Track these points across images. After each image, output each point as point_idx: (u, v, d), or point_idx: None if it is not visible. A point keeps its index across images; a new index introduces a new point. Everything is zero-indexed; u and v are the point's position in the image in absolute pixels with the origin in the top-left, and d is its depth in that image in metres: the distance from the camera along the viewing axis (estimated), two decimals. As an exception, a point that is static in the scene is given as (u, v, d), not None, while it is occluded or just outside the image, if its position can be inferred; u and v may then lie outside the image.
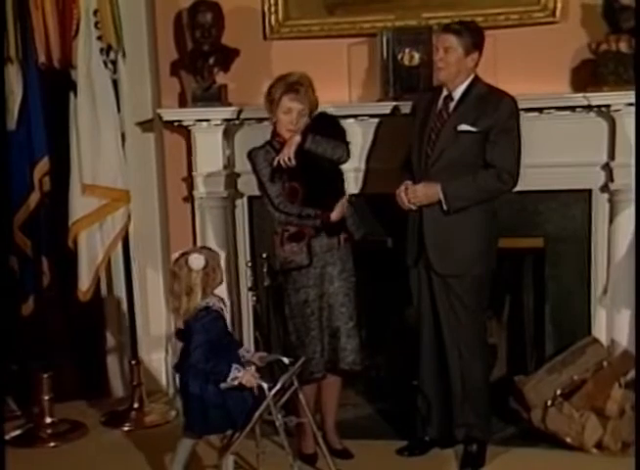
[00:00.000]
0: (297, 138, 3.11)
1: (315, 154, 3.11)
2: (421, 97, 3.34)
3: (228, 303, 3.67)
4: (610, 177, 3.45)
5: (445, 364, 3.26)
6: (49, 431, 3.70)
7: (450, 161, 3.11)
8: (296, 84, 3.12)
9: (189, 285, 2.79)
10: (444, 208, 3.09)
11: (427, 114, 3.19)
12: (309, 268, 3.16)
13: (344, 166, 3.25)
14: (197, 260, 2.79)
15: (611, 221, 3.49)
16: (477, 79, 3.15)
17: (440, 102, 3.17)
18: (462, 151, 3.10)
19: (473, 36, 3.09)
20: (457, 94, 3.14)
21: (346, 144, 3.20)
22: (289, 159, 3.10)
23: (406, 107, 3.43)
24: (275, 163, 3.12)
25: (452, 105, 3.14)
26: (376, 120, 3.58)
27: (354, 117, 3.58)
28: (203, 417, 2.82)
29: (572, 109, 3.40)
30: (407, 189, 3.14)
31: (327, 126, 3.19)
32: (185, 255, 2.82)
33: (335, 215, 3.15)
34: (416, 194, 3.12)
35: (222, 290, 3.52)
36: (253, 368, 2.85)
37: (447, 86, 3.15)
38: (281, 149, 3.14)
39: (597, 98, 3.34)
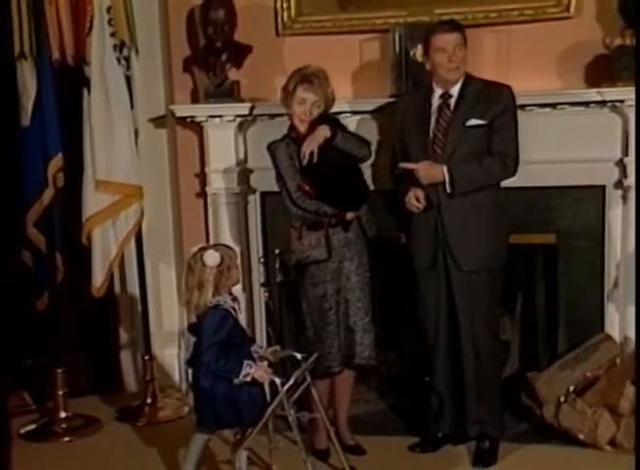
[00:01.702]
0: (327, 132, 3.12)
1: (342, 150, 3.13)
2: (405, 98, 3.35)
3: (243, 300, 3.69)
4: (623, 173, 3.44)
5: (457, 361, 3.26)
6: (63, 425, 3.72)
7: (463, 157, 3.11)
8: (311, 76, 3.15)
9: (201, 280, 2.80)
10: (448, 189, 3.09)
11: (422, 114, 3.18)
12: (327, 263, 3.16)
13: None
14: (212, 257, 2.80)
15: (624, 217, 3.47)
16: (468, 75, 3.16)
17: (437, 100, 3.16)
18: (472, 146, 3.11)
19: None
20: (455, 91, 3.14)
21: (368, 144, 3.24)
22: (311, 152, 3.09)
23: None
24: (302, 153, 3.11)
25: (452, 102, 3.14)
26: (388, 116, 3.58)
27: (366, 112, 3.58)
28: (213, 412, 2.83)
29: (586, 104, 3.39)
30: (417, 196, 3.13)
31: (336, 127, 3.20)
32: (203, 249, 2.83)
33: (350, 216, 3.15)
34: (423, 170, 3.10)
35: (236, 286, 3.55)
36: (266, 364, 2.86)
37: (445, 85, 3.15)
38: (300, 142, 3.14)
39: (611, 93, 3.32)
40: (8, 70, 3.65)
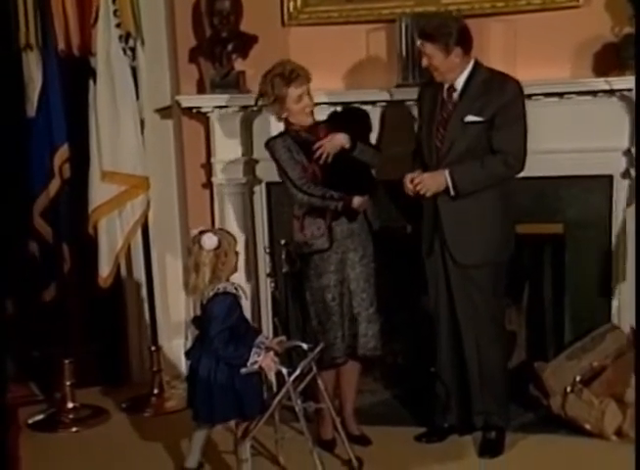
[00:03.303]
0: (347, 143, 3.11)
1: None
2: (424, 87, 3.32)
3: (249, 291, 3.69)
4: (631, 163, 3.42)
5: (463, 351, 3.25)
6: (71, 416, 3.74)
7: (460, 153, 3.08)
8: (294, 71, 3.11)
9: (197, 262, 2.80)
10: (452, 193, 3.07)
11: (433, 105, 3.16)
12: (330, 253, 3.16)
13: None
14: (209, 240, 2.80)
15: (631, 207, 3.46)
16: (478, 65, 3.11)
17: (444, 93, 3.14)
18: (470, 142, 3.07)
19: (447, 36, 3.00)
20: (459, 84, 3.10)
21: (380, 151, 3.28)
22: (327, 155, 3.10)
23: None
24: (316, 148, 3.10)
25: (456, 95, 3.11)
26: (395, 106, 3.57)
27: (373, 103, 3.57)
28: (209, 403, 2.81)
29: (594, 93, 3.37)
30: (413, 179, 3.10)
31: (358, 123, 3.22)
32: (203, 233, 2.84)
33: (357, 202, 3.13)
34: (425, 183, 3.08)
35: (241, 276, 3.56)
36: (272, 353, 2.86)
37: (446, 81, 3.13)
38: (299, 138, 3.13)
39: (619, 82, 3.30)
40: (14, 60, 3.65)
